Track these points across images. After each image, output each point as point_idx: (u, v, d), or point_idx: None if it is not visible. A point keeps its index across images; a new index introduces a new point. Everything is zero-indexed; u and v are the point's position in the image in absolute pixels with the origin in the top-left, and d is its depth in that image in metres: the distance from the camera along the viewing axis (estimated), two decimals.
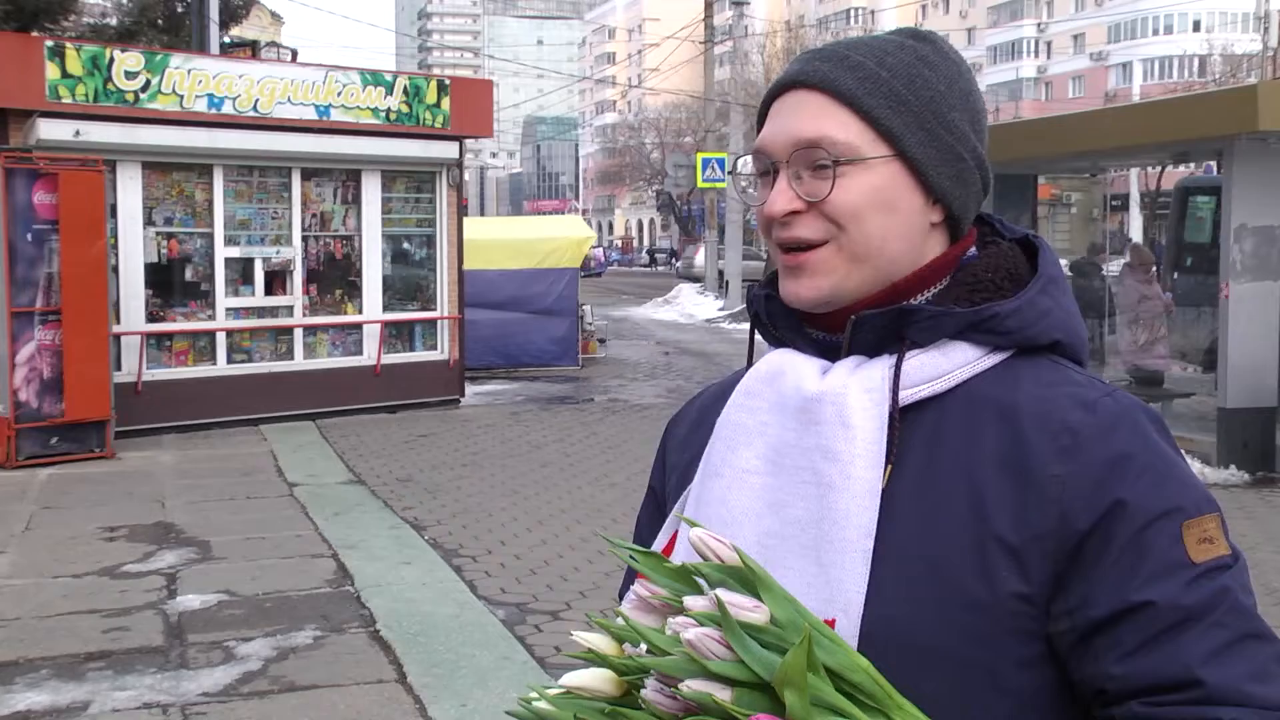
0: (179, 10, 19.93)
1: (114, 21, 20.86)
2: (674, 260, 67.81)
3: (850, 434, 1.09)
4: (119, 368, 11.01)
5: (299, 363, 12.62)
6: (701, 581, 0.96)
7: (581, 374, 16.91)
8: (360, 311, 13.08)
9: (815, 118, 1.13)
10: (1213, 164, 16.26)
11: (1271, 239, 9.43)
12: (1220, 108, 9.86)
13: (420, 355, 13.55)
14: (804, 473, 1.11)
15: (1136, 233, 28.53)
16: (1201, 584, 1.02)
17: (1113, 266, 13.29)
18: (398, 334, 13.44)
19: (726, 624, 0.90)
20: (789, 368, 1.16)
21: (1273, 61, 32.46)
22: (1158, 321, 11.45)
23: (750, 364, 1.23)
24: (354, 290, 13.10)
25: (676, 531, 1.20)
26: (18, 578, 6.72)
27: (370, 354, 13.05)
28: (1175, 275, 13.32)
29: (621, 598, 1.26)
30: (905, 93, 1.13)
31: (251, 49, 18.13)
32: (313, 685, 5.10)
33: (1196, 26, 63.19)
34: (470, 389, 14.26)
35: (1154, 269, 12.01)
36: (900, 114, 1.13)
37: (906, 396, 1.10)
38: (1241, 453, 9.40)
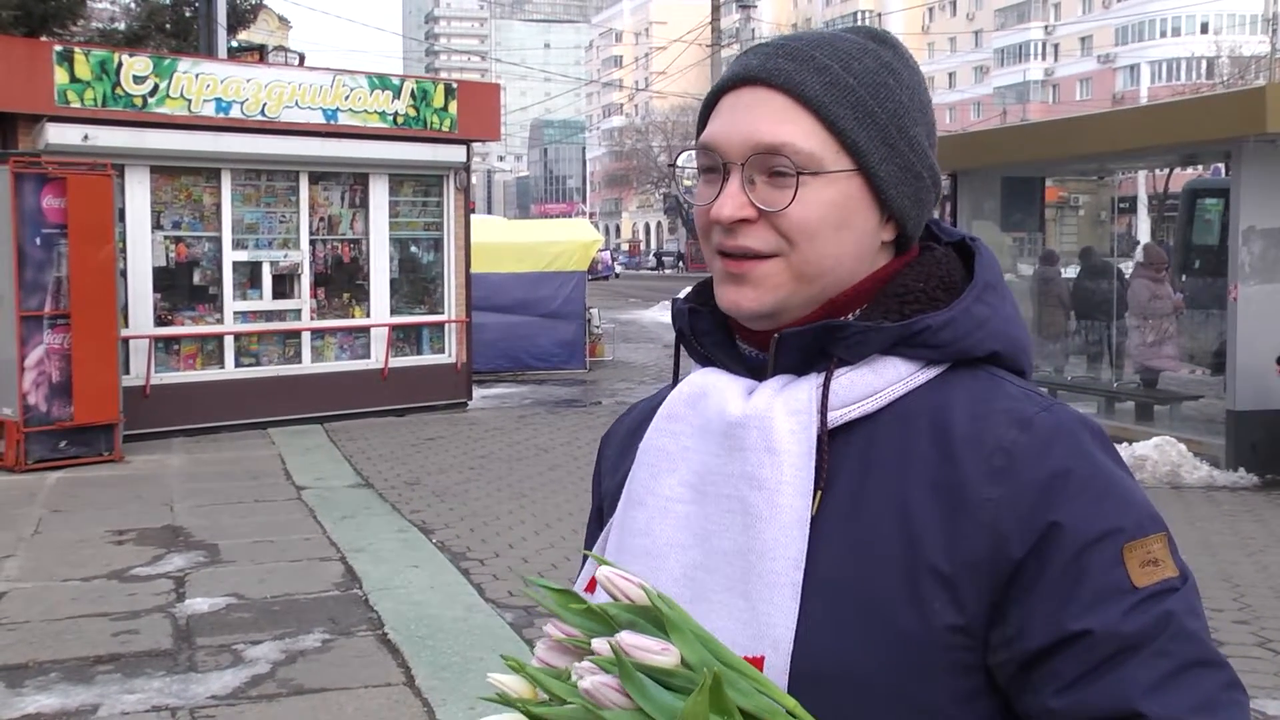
0: (187, 15, 19.97)
1: (122, 26, 20.95)
2: (681, 263, 67.77)
3: (776, 460, 1.03)
4: (127, 371, 11.03)
5: (307, 366, 12.64)
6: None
7: (589, 377, 16.92)
8: (368, 315, 13.10)
9: (778, 121, 1.05)
10: (1221, 166, 16.23)
11: None
12: (1228, 110, 9.84)
13: (428, 358, 13.57)
14: (730, 501, 1.05)
15: (1145, 235, 28.47)
16: (1143, 610, 0.97)
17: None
18: (405, 337, 13.46)
19: (623, 670, 0.86)
20: (712, 389, 1.09)
21: None
22: (1166, 321, 11.43)
23: (675, 382, 1.16)
24: (361, 294, 13.12)
25: None
26: (27, 581, 6.73)
27: (378, 357, 13.07)
28: (1183, 277, 13.29)
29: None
30: (872, 103, 1.07)
31: (259, 53, 18.17)
32: (321, 688, 5.10)
33: (1204, 28, 63.08)
34: (477, 392, 14.27)
35: (1165, 269, 11.98)
36: (866, 127, 1.06)
37: (835, 418, 1.04)
38: (1250, 455, 9.37)
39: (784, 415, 1.04)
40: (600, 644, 0.89)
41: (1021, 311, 1.16)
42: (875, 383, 1.06)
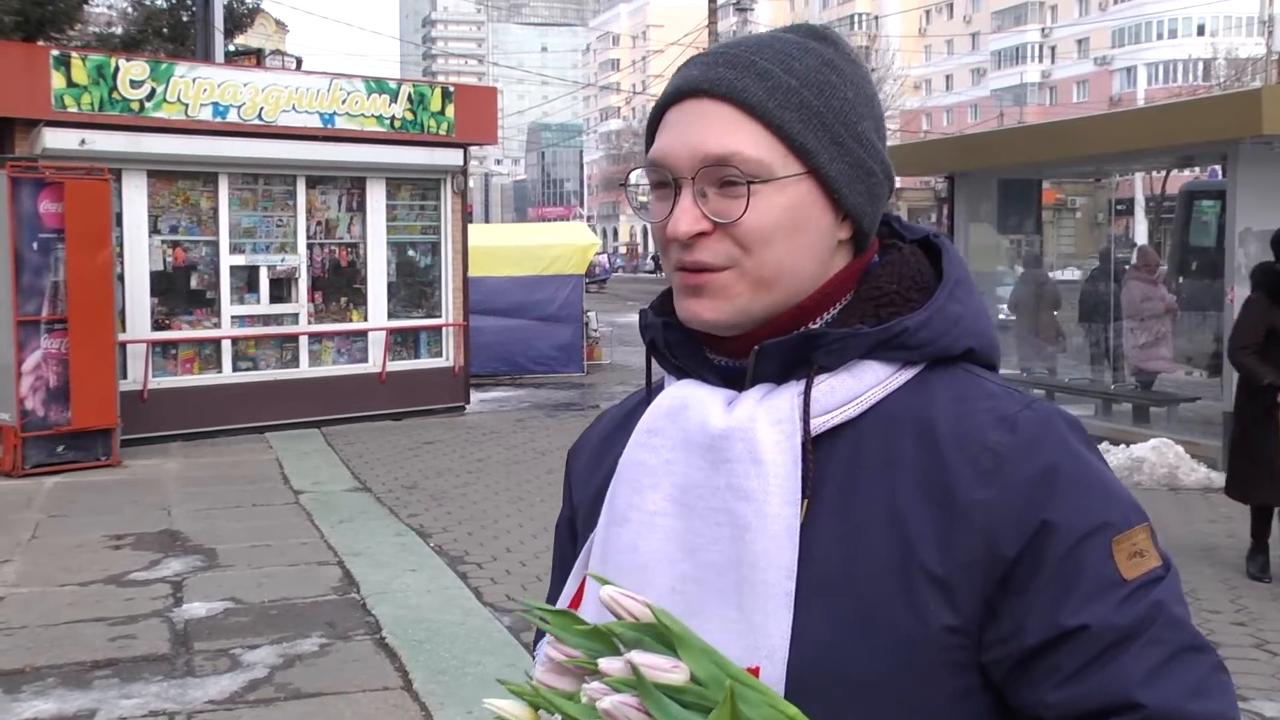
0: (184, 19, 19.98)
1: (119, 30, 20.96)
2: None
3: (762, 470, 1.02)
4: (125, 376, 11.02)
5: (304, 370, 12.63)
6: (617, 641, 0.92)
7: (586, 380, 16.92)
8: (365, 319, 13.10)
9: (724, 132, 1.04)
10: (1217, 168, 16.25)
11: None
12: (1224, 112, 9.85)
13: (425, 362, 13.56)
14: (717, 514, 1.04)
15: (1142, 236, 28.52)
16: (1134, 601, 0.99)
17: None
18: (403, 341, 13.45)
19: (643, 689, 0.86)
20: (692, 401, 1.08)
21: (1277, 65, 32.45)
22: (1160, 323, 11.44)
23: (649, 394, 1.16)
24: (359, 297, 13.11)
25: (584, 579, 1.13)
26: (24, 586, 6.73)
27: (375, 361, 13.07)
28: (1180, 279, 13.30)
29: (535, 648, 1.19)
30: (817, 103, 1.06)
31: (256, 57, 18.19)
32: (319, 692, 5.10)
33: (1201, 30, 63.15)
34: (475, 396, 14.27)
35: (1159, 271, 12.01)
36: (813, 128, 1.05)
37: (818, 425, 1.04)
38: None
39: (767, 425, 1.04)
40: (609, 664, 0.89)
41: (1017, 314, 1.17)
42: (856, 387, 1.05)
